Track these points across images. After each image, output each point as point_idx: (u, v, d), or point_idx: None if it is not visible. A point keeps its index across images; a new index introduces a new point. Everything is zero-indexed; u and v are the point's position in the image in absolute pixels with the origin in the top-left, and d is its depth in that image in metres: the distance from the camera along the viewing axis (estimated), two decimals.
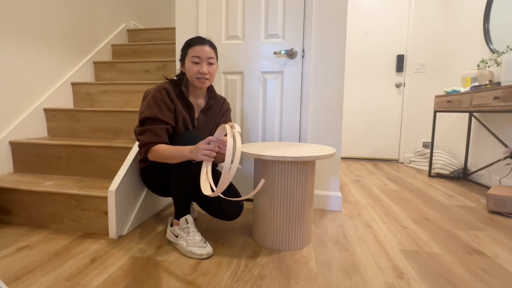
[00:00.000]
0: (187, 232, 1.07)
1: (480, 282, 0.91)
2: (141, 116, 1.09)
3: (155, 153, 1.05)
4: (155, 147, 1.06)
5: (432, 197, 1.87)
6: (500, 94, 1.65)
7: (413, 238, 1.24)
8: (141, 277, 0.91)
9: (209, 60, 1.12)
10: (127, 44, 2.42)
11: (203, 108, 1.21)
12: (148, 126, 1.07)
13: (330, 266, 1.00)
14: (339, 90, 1.55)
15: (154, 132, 1.06)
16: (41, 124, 1.79)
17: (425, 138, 3.12)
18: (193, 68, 1.11)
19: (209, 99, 1.23)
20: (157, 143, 1.06)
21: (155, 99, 1.09)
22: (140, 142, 1.09)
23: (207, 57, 1.11)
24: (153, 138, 1.06)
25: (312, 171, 1.13)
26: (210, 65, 1.13)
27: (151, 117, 1.07)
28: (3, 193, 1.30)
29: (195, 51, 1.10)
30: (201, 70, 1.10)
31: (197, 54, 1.10)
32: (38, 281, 0.88)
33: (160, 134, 1.07)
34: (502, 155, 2.05)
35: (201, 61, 1.11)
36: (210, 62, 1.12)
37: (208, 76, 1.12)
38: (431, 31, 3.01)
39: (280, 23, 1.57)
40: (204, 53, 1.10)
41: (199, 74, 1.10)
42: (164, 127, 1.08)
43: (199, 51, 1.10)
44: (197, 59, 1.10)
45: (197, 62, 1.11)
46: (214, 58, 1.13)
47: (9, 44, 1.57)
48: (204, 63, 1.11)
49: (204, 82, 1.13)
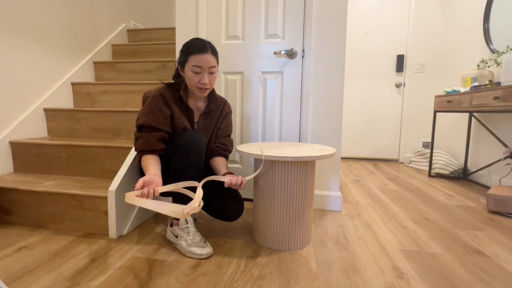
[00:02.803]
0: (187, 232, 1.07)
1: (480, 282, 0.91)
2: (137, 123, 1.10)
3: (142, 160, 1.07)
4: (144, 156, 1.07)
5: (432, 197, 1.87)
6: (500, 94, 1.65)
7: (413, 238, 1.24)
8: (141, 277, 0.91)
9: (210, 70, 1.07)
10: (127, 44, 2.42)
11: (203, 111, 1.19)
12: (142, 133, 1.08)
13: (330, 266, 1.00)
14: (339, 90, 1.55)
15: (146, 140, 1.06)
16: (41, 124, 1.79)
17: (425, 138, 3.12)
18: (194, 78, 1.07)
19: (209, 102, 1.20)
20: (148, 152, 1.06)
21: (151, 106, 1.08)
22: (135, 148, 1.10)
23: (208, 67, 1.06)
24: (145, 146, 1.06)
25: (312, 171, 1.13)
26: (211, 74, 1.09)
27: (145, 125, 1.07)
28: (3, 193, 1.30)
29: (197, 61, 1.05)
30: (203, 81, 1.06)
31: (198, 64, 1.05)
32: (38, 281, 0.88)
33: (151, 142, 1.06)
34: (502, 155, 2.05)
35: (202, 71, 1.06)
36: (211, 72, 1.08)
37: (209, 86, 1.09)
38: (431, 31, 3.01)
39: (280, 23, 1.57)
40: (206, 63, 1.06)
41: (200, 84, 1.07)
42: (157, 134, 1.07)
43: (201, 61, 1.05)
44: (198, 69, 1.06)
45: (198, 72, 1.06)
46: (215, 67, 1.09)
47: (9, 44, 1.57)
48: (206, 73, 1.07)
49: (204, 91, 1.10)
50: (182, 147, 1.03)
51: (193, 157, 1.03)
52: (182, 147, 1.03)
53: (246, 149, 1.13)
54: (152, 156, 1.07)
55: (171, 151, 1.07)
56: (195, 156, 1.03)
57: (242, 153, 1.11)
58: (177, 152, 1.04)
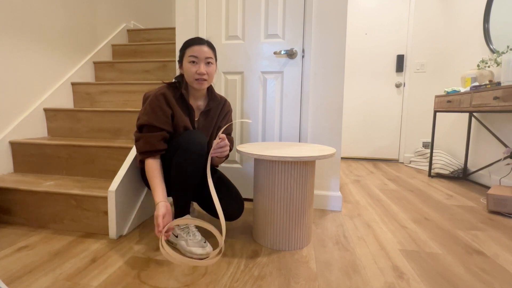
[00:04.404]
0: (187, 232, 1.07)
1: (480, 282, 0.91)
2: (138, 122, 1.10)
3: (146, 166, 1.07)
4: (148, 160, 1.07)
5: (432, 197, 1.87)
6: (500, 94, 1.65)
7: (413, 238, 1.24)
8: (141, 277, 0.91)
9: (207, 60, 1.10)
10: (127, 44, 2.42)
11: (203, 110, 1.19)
12: (143, 133, 1.08)
13: (330, 266, 1.00)
14: (339, 90, 1.55)
15: (147, 141, 1.06)
16: (41, 124, 1.79)
17: (425, 138, 3.12)
18: (191, 68, 1.09)
19: (209, 101, 1.21)
20: (150, 153, 1.07)
21: (152, 105, 1.08)
22: (136, 149, 1.10)
23: (205, 57, 1.09)
24: (147, 147, 1.06)
25: (312, 171, 1.13)
26: (208, 65, 1.11)
27: (146, 124, 1.07)
28: (3, 193, 1.30)
29: (193, 51, 1.08)
30: (199, 71, 1.08)
31: (194, 53, 1.08)
32: (38, 281, 0.88)
33: (153, 142, 1.06)
34: (502, 155, 2.05)
35: (198, 61, 1.09)
36: (208, 62, 1.10)
37: (206, 76, 1.10)
38: (431, 31, 3.01)
39: (280, 23, 1.57)
40: (202, 53, 1.09)
41: (197, 74, 1.09)
42: (159, 134, 1.07)
43: (196, 51, 1.08)
44: (195, 58, 1.08)
45: (195, 61, 1.09)
46: (212, 58, 1.11)
47: (9, 44, 1.57)
48: (202, 63, 1.09)
49: (202, 83, 1.11)
50: (184, 147, 1.03)
51: (194, 157, 1.03)
52: (183, 147, 1.03)
53: (246, 149, 1.13)
54: (155, 162, 1.07)
55: (172, 150, 1.07)
56: (197, 156, 1.03)
57: (242, 153, 1.11)
58: (178, 152, 1.04)
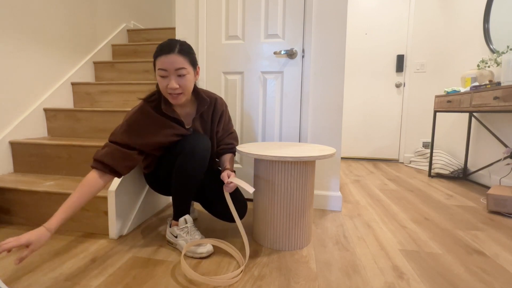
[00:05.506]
0: (187, 232, 1.07)
1: (480, 282, 0.91)
2: (111, 137, 1.02)
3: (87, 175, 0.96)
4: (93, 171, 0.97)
5: (432, 197, 1.87)
6: (500, 94, 1.65)
7: (413, 238, 1.24)
8: (141, 277, 0.91)
9: (178, 72, 0.96)
10: (127, 44, 2.42)
11: (195, 116, 1.13)
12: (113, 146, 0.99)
13: (330, 266, 1.00)
14: (339, 90, 1.55)
15: (111, 153, 0.98)
16: (41, 124, 1.79)
17: (425, 138, 3.12)
18: (162, 83, 0.97)
19: (198, 105, 1.12)
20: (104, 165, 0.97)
21: (128, 123, 1.01)
22: (95, 154, 1.00)
23: (174, 69, 0.95)
24: (106, 159, 0.97)
25: (312, 171, 1.13)
26: (180, 77, 0.97)
27: (120, 142, 1.00)
28: (3, 193, 1.30)
29: (161, 63, 0.95)
30: (170, 85, 0.95)
31: (163, 66, 0.95)
32: (38, 281, 0.88)
33: (116, 158, 0.98)
34: (502, 155, 2.05)
35: (168, 74, 0.96)
36: (179, 74, 0.96)
37: (179, 90, 0.98)
38: (431, 31, 3.01)
39: (280, 23, 1.57)
40: (170, 65, 0.94)
41: (169, 89, 0.97)
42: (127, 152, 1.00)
43: (165, 63, 0.94)
44: (164, 72, 0.96)
45: (165, 76, 0.96)
46: (185, 68, 0.96)
47: (9, 44, 1.57)
48: (172, 77, 0.96)
49: (176, 98, 0.99)
50: (188, 151, 1.02)
51: (198, 160, 1.03)
52: (187, 151, 1.02)
53: (246, 149, 1.13)
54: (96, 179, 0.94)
55: (175, 153, 1.07)
56: (200, 160, 1.03)
57: (242, 153, 1.11)
58: (181, 155, 1.03)
